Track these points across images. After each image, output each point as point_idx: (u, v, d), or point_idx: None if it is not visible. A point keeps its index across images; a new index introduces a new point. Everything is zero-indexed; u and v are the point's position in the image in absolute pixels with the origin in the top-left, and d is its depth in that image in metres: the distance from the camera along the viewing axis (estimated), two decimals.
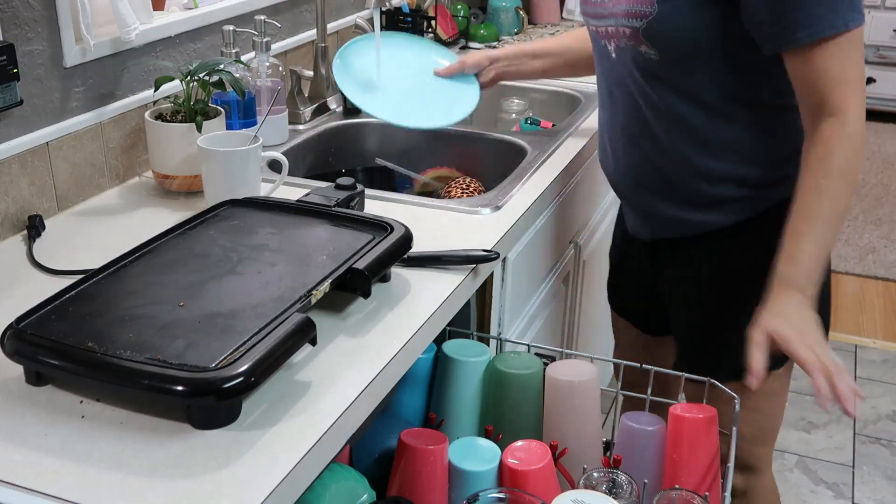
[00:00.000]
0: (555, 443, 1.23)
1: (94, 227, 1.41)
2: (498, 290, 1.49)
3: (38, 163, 1.40)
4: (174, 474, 0.87)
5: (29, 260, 1.30)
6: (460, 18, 2.60)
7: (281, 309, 1.04)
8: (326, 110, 1.98)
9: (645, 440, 1.25)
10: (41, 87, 1.40)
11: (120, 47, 1.52)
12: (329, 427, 0.95)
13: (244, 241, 1.21)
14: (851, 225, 3.89)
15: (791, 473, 2.43)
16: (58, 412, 0.96)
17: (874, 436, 2.59)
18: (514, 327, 1.58)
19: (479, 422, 1.34)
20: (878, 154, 4.67)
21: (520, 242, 1.53)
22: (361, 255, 1.17)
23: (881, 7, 4.92)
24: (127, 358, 0.94)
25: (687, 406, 1.26)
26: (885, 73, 5.03)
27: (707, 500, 1.18)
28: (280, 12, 1.95)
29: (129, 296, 1.07)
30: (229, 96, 1.60)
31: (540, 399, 1.31)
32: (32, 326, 1.00)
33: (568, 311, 1.89)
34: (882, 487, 2.39)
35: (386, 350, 1.09)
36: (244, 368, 0.91)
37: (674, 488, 1.18)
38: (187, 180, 1.50)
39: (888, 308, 3.30)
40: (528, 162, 1.70)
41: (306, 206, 1.31)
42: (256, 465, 0.89)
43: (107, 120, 1.52)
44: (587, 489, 1.16)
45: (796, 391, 2.78)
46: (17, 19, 1.34)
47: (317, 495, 1.06)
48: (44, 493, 0.85)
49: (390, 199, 1.53)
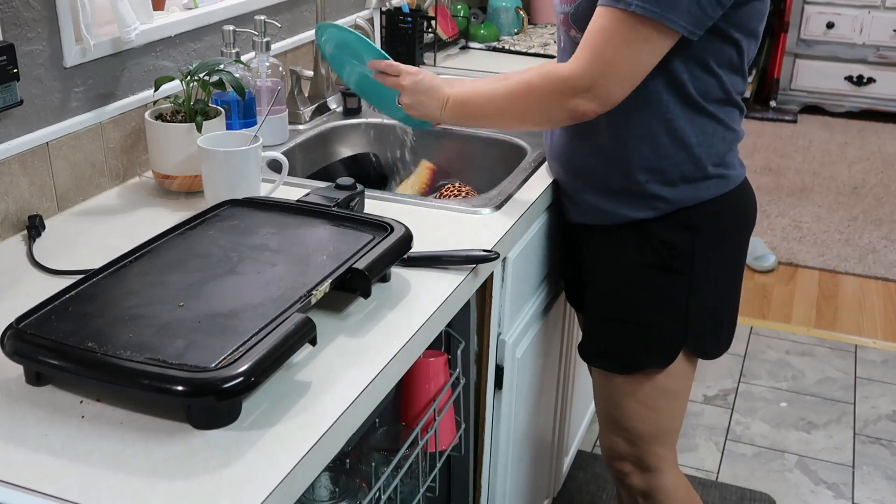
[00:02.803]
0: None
1: (94, 227, 1.41)
2: (498, 290, 1.49)
3: (38, 163, 1.40)
4: (174, 474, 0.87)
5: (29, 260, 1.30)
6: (460, 18, 2.61)
7: (281, 309, 1.04)
8: (326, 110, 1.98)
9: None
10: (41, 87, 1.40)
11: (120, 47, 1.52)
12: (329, 427, 0.95)
13: (244, 241, 1.21)
14: (851, 225, 3.89)
15: (791, 473, 2.43)
16: (58, 412, 0.96)
17: (874, 436, 2.59)
18: (514, 327, 1.58)
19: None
20: (878, 154, 4.67)
21: (520, 242, 1.53)
22: (361, 255, 1.17)
23: (881, 7, 4.92)
24: (127, 358, 0.94)
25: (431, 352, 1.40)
26: (885, 73, 5.03)
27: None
28: (280, 12, 1.95)
29: (129, 296, 1.07)
30: (229, 96, 1.60)
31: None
32: (32, 326, 1.00)
33: (568, 311, 1.89)
34: (882, 487, 2.39)
35: (386, 350, 1.09)
36: (244, 368, 0.91)
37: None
38: (187, 180, 1.50)
39: (888, 308, 3.30)
40: (528, 162, 1.70)
41: (306, 206, 1.31)
42: (256, 465, 0.89)
43: (107, 120, 1.52)
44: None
45: (796, 391, 2.78)
46: (17, 19, 1.34)
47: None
48: (44, 493, 0.85)
49: (390, 199, 1.53)
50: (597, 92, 1.32)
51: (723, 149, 1.45)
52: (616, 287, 1.53)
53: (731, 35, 1.36)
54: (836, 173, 4.42)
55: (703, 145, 1.42)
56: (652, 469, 1.62)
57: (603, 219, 1.50)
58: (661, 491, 1.62)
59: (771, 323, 3.18)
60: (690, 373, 1.57)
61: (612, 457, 1.66)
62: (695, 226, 1.45)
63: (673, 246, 1.46)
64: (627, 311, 1.52)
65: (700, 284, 1.48)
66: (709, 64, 1.37)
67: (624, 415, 1.58)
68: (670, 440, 1.62)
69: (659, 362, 1.52)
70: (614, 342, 1.55)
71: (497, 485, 1.66)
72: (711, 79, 1.39)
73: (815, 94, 5.21)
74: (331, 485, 1.30)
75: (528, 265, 1.60)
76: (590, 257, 1.57)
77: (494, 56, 2.55)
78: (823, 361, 2.95)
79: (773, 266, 3.53)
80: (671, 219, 1.45)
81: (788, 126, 5.04)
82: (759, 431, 2.60)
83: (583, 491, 2.32)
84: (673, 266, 1.47)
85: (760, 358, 2.95)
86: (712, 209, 1.46)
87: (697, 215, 1.45)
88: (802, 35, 5.11)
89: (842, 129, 5.02)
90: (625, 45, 1.30)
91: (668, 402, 1.57)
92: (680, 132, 1.40)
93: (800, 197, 4.15)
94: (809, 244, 3.73)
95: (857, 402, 2.75)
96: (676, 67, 1.36)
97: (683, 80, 1.37)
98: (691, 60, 1.36)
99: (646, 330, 1.51)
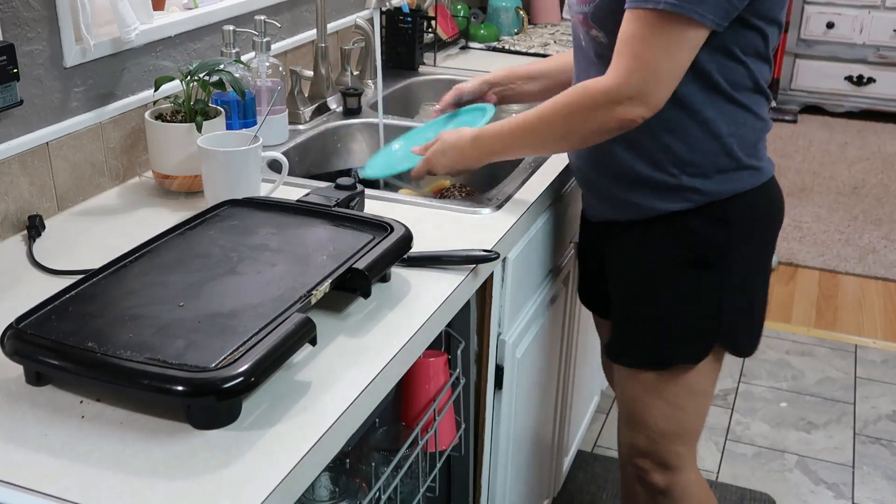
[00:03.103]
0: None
1: (94, 227, 1.41)
2: (498, 290, 1.49)
3: (38, 163, 1.40)
4: (174, 474, 0.87)
5: (29, 260, 1.30)
6: (460, 18, 2.61)
7: (281, 309, 1.04)
8: (326, 110, 1.98)
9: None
10: (41, 87, 1.40)
11: (120, 47, 1.52)
12: (329, 427, 0.95)
13: (244, 241, 1.21)
14: (851, 225, 3.89)
15: (791, 473, 2.43)
16: (58, 412, 0.96)
17: (874, 436, 2.59)
18: (514, 327, 1.58)
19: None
20: (878, 154, 4.67)
21: (520, 242, 1.53)
22: (361, 255, 1.17)
23: (881, 7, 4.92)
24: (127, 358, 0.94)
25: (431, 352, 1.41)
26: (885, 73, 5.03)
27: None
28: (280, 12, 1.95)
29: (129, 296, 1.07)
30: (229, 96, 1.60)
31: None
32: (32, 326, 1.00)
33: (568, 311, 1.89)
34: (882, 487, 2.39)
35: (386, 350, 1.09)
36: (244, 368, 0.91)
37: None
38: (187, 180, 1.50)
39: (888, 308, 3.30)
40: (528, 162, 1.70)
41: (306, 206, 1.31)
42: (256, 465, 0.89)
43: (107, 120, 1.52)
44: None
45: (796, 391, 2.78)
46: (17, 19, 1.34)
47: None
48: (44, 493, 0.85)
49: (390, 199, 1.53)
50: (643, 97, 1.31)
51: (754, 138, 1.44)
52: (646, 283, 1.50)
53: (755, 23, 1.35)
54: (836, 173, 4.42)
55: (735, 135, 1.41)
56: (672, 467, 1.60)
57: (635, 213, 1.48)
58: (681, 489, 1.61)
59: (771, 323, 3.17)
60: (717, 371, 1.55)
61: (632, 454, 1.63)
62: (729, 219, 1.43)
63: (707, 240, 1.44)
64: (658, 306, 1.49)
65: (734, 279, 1.46)
66: (735, 52, 1.36)
67: (648, 412, 1.56)
68: (692, 439, 1.61)
69: (691, 358, 1.49)
70: (644, 338, 1.53)
71: (497, 485, 1.66)
72: (739, 67, 1.38)
73: (815, 94, 5.21)
74: (331, 485, 1.30)
75: (528, 265, 1.60)
76: (615, 255, 1.55)
77: (494, 56, 2.55)
78: (823, 361, 2.95)
79: (774, 266, 3.52)
80: (705, 211, 1.43)
81: (788, 126, 5.04)
82: (759, 431, 2.60)
83: (583, 491, 2.32)
84: (706, 260, 1.44)
85: (760, 358, 2.95)
86: (746, 202, 1.44)
87: (732, 208, 1.43)
88: (802, 35, 5.11)
89: (842, 129, 5.02)
90: (661, 45, 1.29)
91: (694, 401, 1.55)
92: (711, 122, 1.39)
93: (800, 197, 4.15)
94: (809, 244, 3.73)
95: (857, 402, 2.75)
96: (702, 58, 1.35)
97: (710, 70, 1.36)
98: (718, 50, 1.35)
99: (677, 325, 1.49)
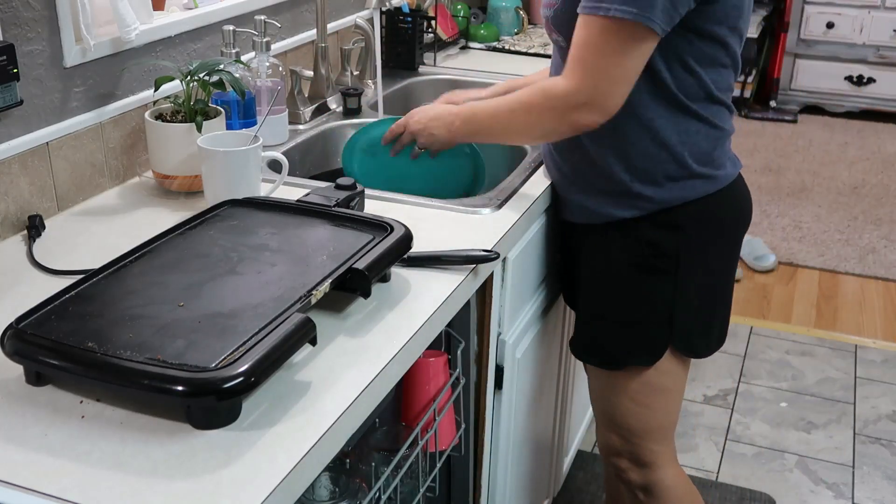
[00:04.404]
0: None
1: (94, 227, 1.41)
2: (498, 290, 1.49)
3: (38, 163, 1.40)
4: (174, 474, 0.87)
5: (29, 260, 1.30)
6: (460, 18, 2.60)
7: (281, 309, 1.04)
8: (326, 110, 1.98)
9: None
10: (41, 87, 1.40)
11: (120, 47, 1.52)
12: (329, 427, 0.95)
13: (244, 241, 1.21)
14: (851, 225, 3.89)
15: (791, 473, 2.43)
16: (58, 412, 0.96)
17: (874, 436, 2.59)
18: (514, 327, 1.58)
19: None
20: (878, 154, 4.67)
21: (520, 242, 1.53)
22: (361, 255, 1.17)
23: (881, 7, 4.92)
24: (127, 358, 0.94)
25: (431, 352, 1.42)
26: (885, 73, 5.03)
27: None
28: (280, 12, 1.94)
29: (129, 296, 1.07)
30: (229, 96, 1.60)
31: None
32: (32, 326, 1.00)
33: (568, 311, 1.89)
34: (882, 487, 2.39)
35: (386, 350, 1.09)
36: (244, 368, 0.91)
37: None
38: (187, 180, 1.50)
39: (888, 308, 3.30)
40: (528, 162, 1.70)
41: (306, 206, 1.31)
42: (256, 465, 0.89)
43: (107, 120, 1.52)
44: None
45: (796, 391, 2.78)
46: (17, 19, 1.34)
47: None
48: (44, 493, 0.85)
49: (390, 199, 1.53)
50: (596, 103, 1.34)
51: (708, 147, 1.45)
52: (603, 285, 1.54)
53: (711, 32, 1.36)
54: (836, 173, 4.42)
55: (686, 144, 1.43)
56: (648, 464, 1.62)
57: (590, 218, 1.52)
58: (660, 485, 1.63)
59: (771, 323, 3.18)
60: (682, 370, 1.58)
61: (608, 453, 1.67)
62: (681, 225, 1.46)
63: (658, 246, 1.47)
64: (613, 309, 1.54)
65: (686, 284, 1.48)
66: (689, 63, 1.38)
67: (617, 411, 1.60)
68: (665, 436, 1.63)
69: (644, 360, 1.53)
70: (601, 339, 1.57)
71: (497, 485, 1.66)
72: (691, 77, 1.39)
73: (815, 94, 5.21)
74: (331, 485, 1.30)
75: (528, 265, 1.60)
76: (581, 256, 1.58)
77: (494, 56, 2.55)
78: (823, 361, 2.95)
79: (773, 266, 3.53)
80: (657, 218, 1.46)
81: (788, 126, 5.04)
82: (759, 431, 2.60)
83: (583, 491, 2.32)
84: (658, 266, 1.48)
85: (760, 358, 2.95)
86: (699, 209, 1.46)
87: (684, 215, 1.45)
88: (802, 35, 5.11)
89: (842, 129, 5.02)
90: (612, 52, 1.31)
91: (660, 399, 1.58)
92: (659, 131, 1.41)
93: (800, 197, 4.15)
94: (809, 244, 3.73)
95: (857, 402, 2.74)
96: (657, 67, 1.37)
97: (664, 80, 1.38)
98: (671, 60, 1.37)
99: (631, 328, 1.53)
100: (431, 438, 1.38)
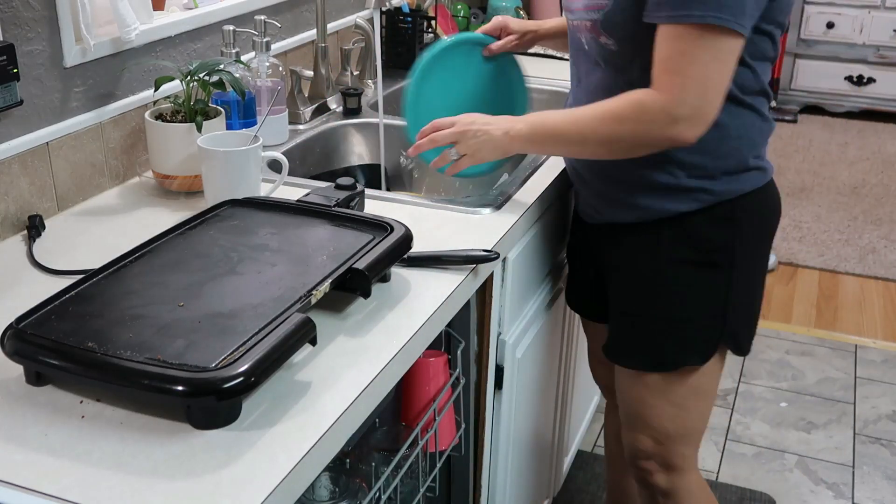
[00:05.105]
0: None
1: (94, 227, 1.41)
2: (498, 290, 1.49)
3: (38, 163, 1.40)
4: (174, 474, 0.87)
5: (29, 260, 1.30)
6: (460, 18, 2.61)
7: (281, 309, 1.04)
8: (326, 110, 1.98)
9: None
10: (41, 87, 1.40)
11: (120, 47, 1.52)
12: (329, 427, 0.95)
13: (244, 241, 1.21)
14: (851, 225, 3.89)
15: (791, 473, 2.43)
16: (58, 412, 0.96)
17: (874, 436, 2.59)
18: (514, 327, 1.58)
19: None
20: (878, 154, 4.67)
21: (520, 242, 1.53)
22: (361, 255, 1.17)
23: (881, 7, 4.92)
24: (127, 358, 0.94)
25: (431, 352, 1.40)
26: (885, 73, 5.03)
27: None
28: (280, 12, 1.95)
29: (129, 296, 1.07)
30: (229, 96, 1.60)
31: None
32: (32, 326, 1.00)
33: (568, 311, 1.89)
34: (882, 487, 2.39)
35: (386, 350, 1.09)
36: (244, 368, 0.91)
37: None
38: (187, 180, 1.50)
39: (888, 308, 3.30)
40: (528, 162, 1.70)
41: (306, 206, 1.31)
42: (256, 465, 0.89)
43: (107, 120, 1.52)
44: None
45: (796, 391, 2.78)
46: (17, 19, 1.34)
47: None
48: (44, 493, 0.85)
49: (390, 199, 1.53)
50: (700, 116, 1.30)
51: (760, 140, 1.44)
52: (649, 285, 1.49)
53: (765, 28, 1.35)
54: (836, 173, 4.42)
55: (744, 138, 1.41)
56: (676, 469, 1.60)
57: (641, 215, 1.46)
58: (684, 490, 1.61)
59: (771, 323, 3.18)
60: (721, 371, 1.56)
61: (637, 456, 1.63)
62: (736, 219, 1.43)
63: (714, 240, 1.44)
64: (662, 308, 1.49)
65: (739, 279, 1.46)
66: (745, 58, 1.36)
67: (653, 414, 1.56)
68: (696, 440, 1.61)
69: (697, 359, 1.49)
70: (648, 341, 1.52)
71: (497, 485, 1.66)
72: (748, 71, 1.38)
73: (815, 94, 5.21)
74: (331, 485, 1.30)
75: (528, 265, 1.60)
76: (619, 256, 1.54)
77: None
78: (823, 361, 2.95)
79: (773, 266, 3.53)
80: (713, 212, 1.43)
81: (788, 126, 5.05)
82: (759, 431, 2.60)
83: (583, 491, 2.32)
84: (713, 261, 1.44)
85: (760, 358, 2.96)
86: (752, 202, 1.44)
87: (739, 208, 1.43)
88: (802, 35, 5.11)
89: (842, 129, 5.02)
90: (710, 60, 1.27)
91: (699, 402, 1.55)
92: (724, 127, 1.38)
93: (800, 197, 4.15)
94: (809, 244, 3.73)
95: (857, 402, 2.75)
96: None
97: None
98: None
99: (683, 327, 1.48)
100: (431, 438, 1.38)
